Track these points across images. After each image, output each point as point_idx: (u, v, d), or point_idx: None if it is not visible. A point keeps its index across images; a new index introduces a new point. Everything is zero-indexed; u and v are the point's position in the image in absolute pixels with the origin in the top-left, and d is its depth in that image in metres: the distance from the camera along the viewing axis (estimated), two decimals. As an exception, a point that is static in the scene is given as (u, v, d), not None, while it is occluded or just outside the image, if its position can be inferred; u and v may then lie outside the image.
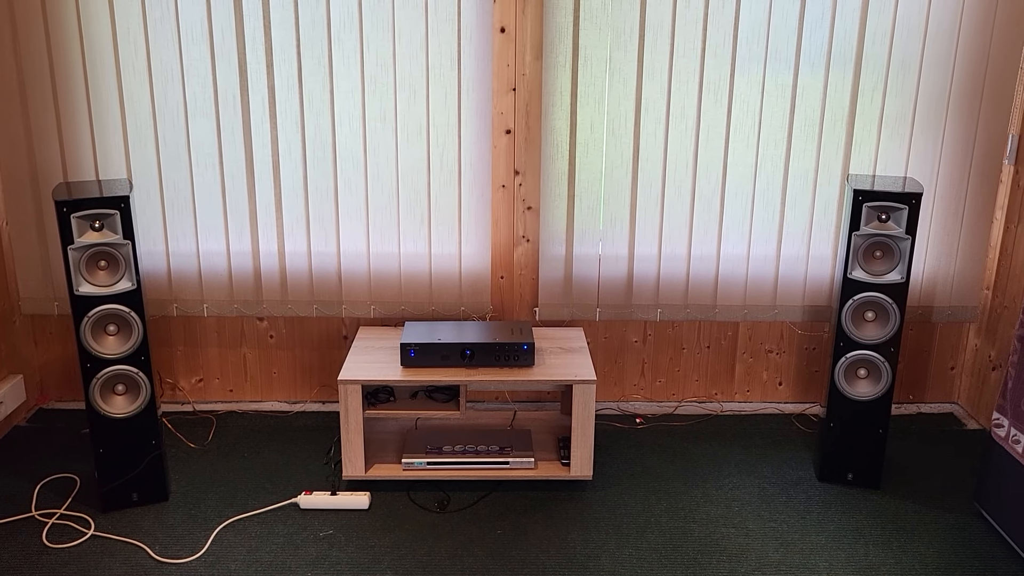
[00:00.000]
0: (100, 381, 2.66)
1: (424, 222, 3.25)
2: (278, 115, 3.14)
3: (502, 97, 3.15)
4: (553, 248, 3.29)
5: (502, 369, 2.90)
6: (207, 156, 3.17)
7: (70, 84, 3.08)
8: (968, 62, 3.13)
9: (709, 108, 3.16)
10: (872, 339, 2.83)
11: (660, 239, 3.28)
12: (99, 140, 3.14)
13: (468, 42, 3.08)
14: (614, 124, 3.17)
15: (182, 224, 3.23)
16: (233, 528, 2.72)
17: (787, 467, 3.09)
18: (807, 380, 3.52)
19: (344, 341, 3.44)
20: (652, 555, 2.61)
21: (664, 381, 3.51)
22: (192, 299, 3.31)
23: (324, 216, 3.24)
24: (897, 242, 2.77)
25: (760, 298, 3.35)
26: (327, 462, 3.09)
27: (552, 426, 3.21)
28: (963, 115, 3.18)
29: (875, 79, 3.14)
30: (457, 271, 3.31)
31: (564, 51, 3.10)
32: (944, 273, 3.34)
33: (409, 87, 3.12)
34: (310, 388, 3.50)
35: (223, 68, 3.09)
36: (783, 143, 3.20)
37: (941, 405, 3.56)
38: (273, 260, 3.28)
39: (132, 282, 2.63)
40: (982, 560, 2.60)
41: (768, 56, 3.12)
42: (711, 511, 2.83)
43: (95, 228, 2.57)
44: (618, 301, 3.34)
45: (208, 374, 3.47)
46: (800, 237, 3.29)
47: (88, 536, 2.66)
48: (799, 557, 2.61)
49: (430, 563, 2.56)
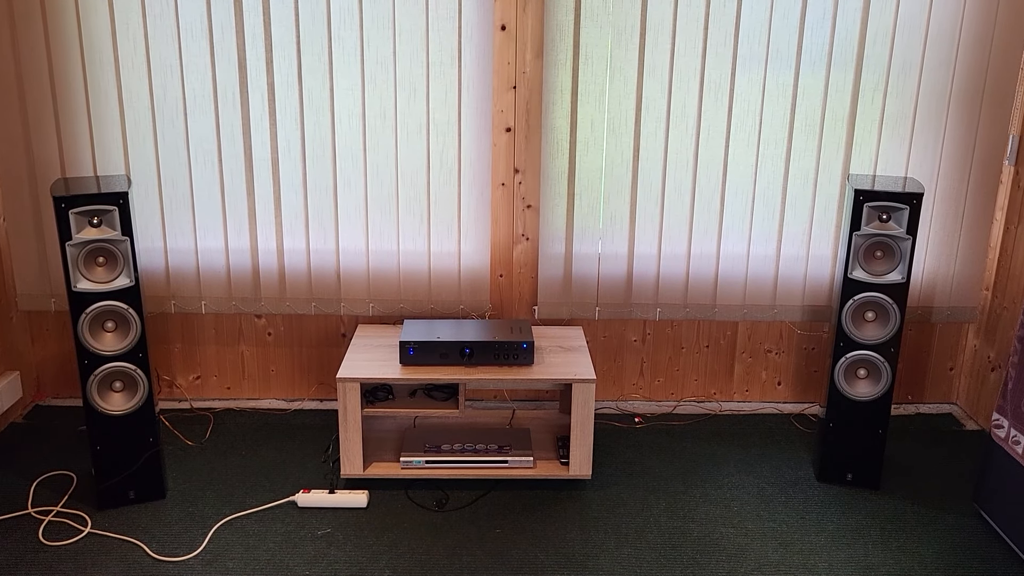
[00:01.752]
0: (97, 378, 2.65)
1: (423, 220, 3.25)
2: (277, 112, 3.13)
3: (502, 95, 3.14)
4: (553, 246, 3.28)
5: (501, 368, 2.89)
6: (206, 153, 3.16)
7: (69, 79, 3.07)
8: (969, 63, 3.13)
9: (710, 107, 3.15)
10: (872, 339, 2.83)
11: (660, 238, 3.27)
12: (97, 136, 3.13)
13: (468, 40, 3.08)
14: (614, 123, 3.16)
15: (180, 221, 3.22)
16: (231, 526, 2.71)
17: (786, 467, 3.09)
18: (806, 380, 3.52)
19: (343, 339, 3.43)
20: (651, 555, 2.60)
21: (663, 380, 3.51)
22: (190, 296, 3.30)
23: (323, 213, 3.23)
24: (898, 242, 2.76)
25: (760, 298, 3.35)
26: (325, 460, 3.08)
27: (551, 425, 3.21)
28: (964, 115, 3.18)
29: (876, 79, 3.14)
30: (456, 269, 3.30)
31: (565, 49, 3.09)
32: (944, 273, 3.34)
33: (409, 84, 3.11)
34: (308, 386, 3.50)
35: (222, 65, 3.08)
36: (784, 142, 3.20)
37: (940, 405, 3.56)
38: (272, 257, 3.27)
39: (130, 279, 2.62)
40: (981, 561, 2.60)
41: (769, 56, 3.11)
42: (710, 511, 2.83)
43: (93, 224, 2.56)
44: (617, 300, 3.34)
45: (206, 371, 3.46)
46: (800, 237, 3.29)
47: (85, 534, 2.65)
48: (798, 557, 2.60)
49: (428, 562, 2.55)
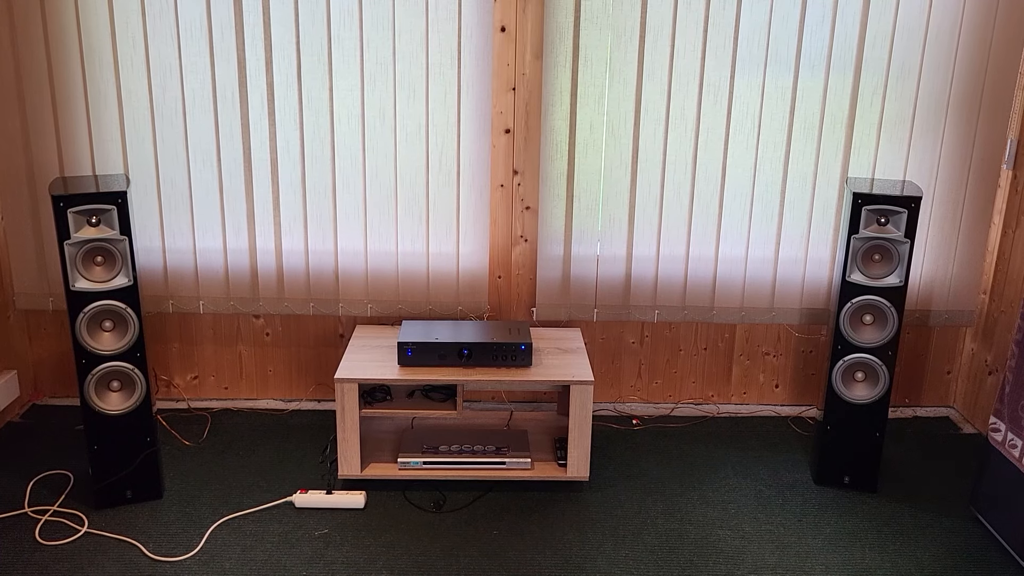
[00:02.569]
0: (95, 377, 2.65)
1: (422, 221, 3.24)
2: (277, 112, 3.13)
3: (501, 96, 3.14)
4: (551, 248, 3.28)
5: (499, 369, 2.89)
6: (205, 153, 3.16)
7: (67, 78, 3.07)
8: (967, 66, 3.13)
9: (709, 110, 3.16)
10: (870, 342, 2.83)
11: (658, 240, 3.27)
12: (96, 135, 3.12)
13: (468, 41, 3.08)
14: (614, 125, 3.16)
15: (179, 221, 3.22)
16: (228, 527, 2.70)
17: (783, 470, 3.09)
18: (803, 383, 3.52)
19: (341, 339, 3.42)
20: (648, 557, 2.60)
21: (661, 382, 3.51)
22: (188, 296, 3.30)
23: (322, 214, 3.23)
24: (896, 245, 2.77)
25: (758, 300, 3.35)
26: (323, 461, 3.08)
27: (549, 427, 3.21)
28: (962, 119, 3.19)
29: (875, 82, 3.14)
30: (455, 270, 3.30)
31: (564, 51, 3.09)
32: (941, 277, 3.35)
33: (408, 86, 3.11)
34: (306, 386, 3.49)
35: (222, 65, 3.08)
36: (782, 145, 3.20)
37: (937, 409, 3.56)
38: (270, 258, 3.27)
39: (128, 278, 2.61)
40: (978, 564, 2.60)
41: (768, 58, 3.12)
42: (707, 513, 2.83)
43: (92, 223, 2.55)
44: (616, 302, 3.34)
45: (203, 371, 3.46)
46: (798, 239, 3.29)
47: (81, 533, 2.65)
48: (795, 560, 2.60)
49: (425, 563, 2.55)
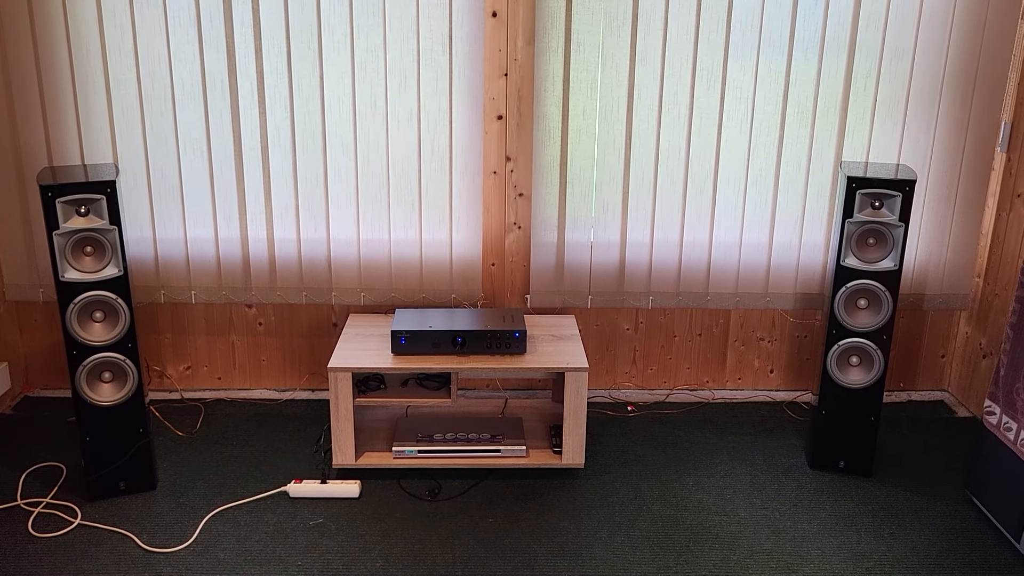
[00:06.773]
0: (86, 369, 2.63)
1: (415, 209, 3.23)
2: (267, 100, 3.10)
3: (494, 82, 3.12)
4: (545, 235, 3.27)
5: (493, 357, 2.88)
6: (195, 141, 3.14)
7: (55, 67, 3.04)
8: (961, 49, 3.12)
9: (702, 94, 3.14)
10: (865, 327, 2.82)
11: (652, 226, 3.26)
12: (85, 124, 3.10)
13: (459, 27, 3.05)
14: (606, 110, 3.15)
15: (169, 210, 3.20)
16: (222, 517, 2.69)
17: (779, 455, 3.09)
18: (798, 368, 3.52)
19: (334, 328, 3.41)
20: (644, 543, 2.60)
21: (656, 369, 3.50)
22: (180, 286, 3.28)
23: (314, 202, 3.21)
24: (890, 229, 2.76)
25: (752, 286, 3.34)
26: (317, 450, 3.07)
27: (544, 414, 3.20)
28: (956, 102, 3.17)
29: (868, 65, 3.13)
30: (448, 258, 3.28)
31: (556, 36, 3.07)
32: (936, 261, 3.34)
33: (400, 72, 3.09)
34: (299, 376, 3.48)
35: (211, 52, 3.05)
36: (776, 130, 3.19)
37: (931, 393, 3.57)
38: (262, 247, 3.25)
39: (119, 268, 2.59)
40: (973, 547, 2.61)
41: (761, 42, 3.10)
42: (703, 499, 2.83)
43: (81, 213, 2.53)
44: (610, 288, 3.33)
45: (196, 362, 3.44)
46: (792, 224, 3.28)
47: (75, 525, 2.63)
48: (791, 545, 2.61)
49: (421, 551, 2.55)
